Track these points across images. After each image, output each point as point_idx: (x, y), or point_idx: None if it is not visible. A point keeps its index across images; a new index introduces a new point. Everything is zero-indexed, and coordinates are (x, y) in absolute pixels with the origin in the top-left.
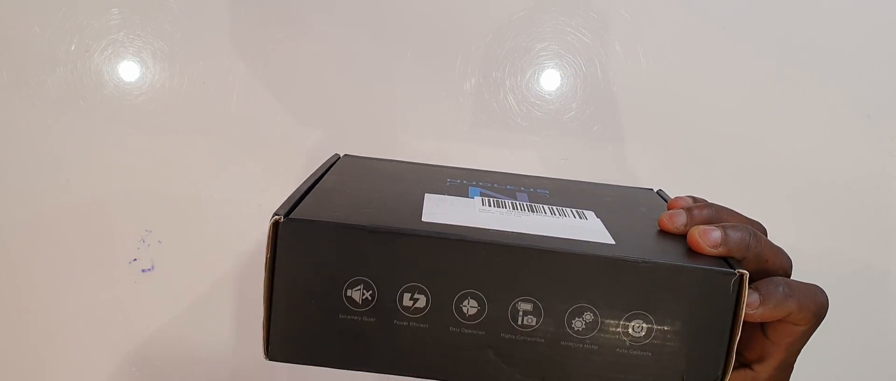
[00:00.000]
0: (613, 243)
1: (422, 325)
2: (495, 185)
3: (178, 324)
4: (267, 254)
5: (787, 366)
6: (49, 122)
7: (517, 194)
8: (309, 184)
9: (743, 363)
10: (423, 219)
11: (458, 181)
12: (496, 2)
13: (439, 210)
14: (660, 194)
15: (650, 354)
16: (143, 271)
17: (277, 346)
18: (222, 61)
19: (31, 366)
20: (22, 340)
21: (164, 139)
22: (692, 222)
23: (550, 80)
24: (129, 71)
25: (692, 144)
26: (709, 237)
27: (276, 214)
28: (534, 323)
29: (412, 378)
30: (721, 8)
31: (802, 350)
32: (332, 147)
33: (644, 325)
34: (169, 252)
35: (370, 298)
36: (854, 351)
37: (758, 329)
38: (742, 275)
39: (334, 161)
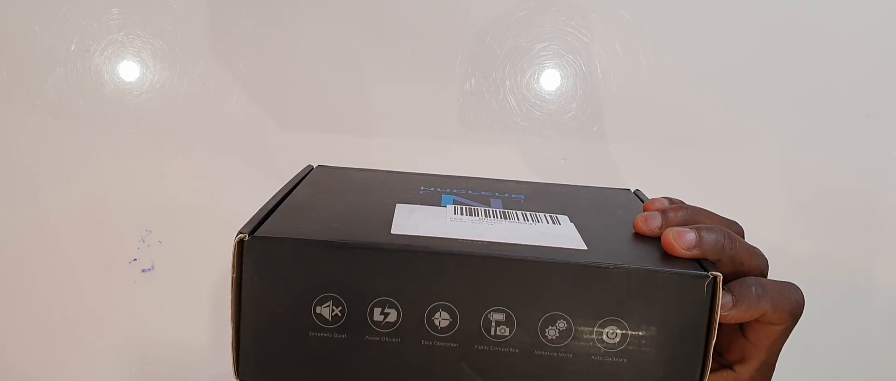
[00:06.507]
0: (585, 248)
1: (393, 339)
2: (470, 191)
3: (178, 324)
4: (233, 273)
5: (769, 366)
6: (49, 122)
7: (491, 200)
8: (277, 199)
9: (724, 365)
10: (392, 231)
11: (432, 189)
12: (496, 2)
13: (409, 222)
14: (637, 194)
15: (626, 360)
16: (143, 271)
17: (247, 366)
18: (222, 62)
19: (31, 366)
20: (22, 339)
21: (163, 139)
22: (667, 224)
23: (550, 80)
24: (128, 71)
25: (692, 144)
26: (683, 240)
27: (240, 232)
28: (507, 333)
29: None
30: (721, 8)
31: (802, 351)
32: (332, 147)
33: (618, 331)
34: (169, 252)
35: (340, 314)
36: (855, 352)
37: (737, 330)
38: (715, 277)
39: (307, 173)
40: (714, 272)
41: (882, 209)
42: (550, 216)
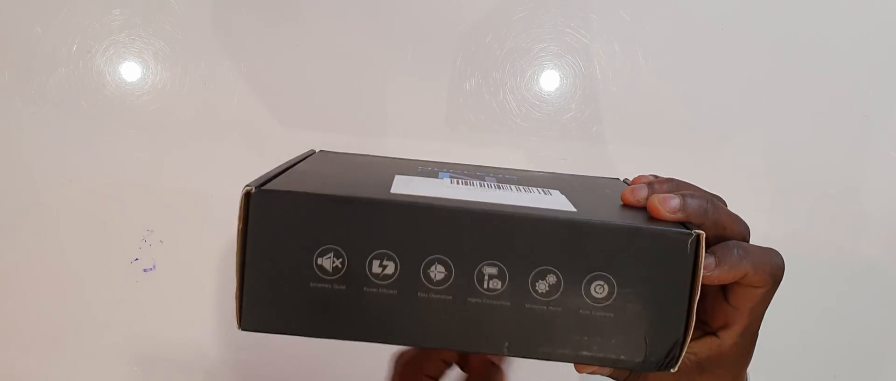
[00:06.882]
0: (575, 210)
1: (391, 291)
2: (466, 172)
3: (180, 323)
4: (239, 225)
5: (752, 332)
6: (51, 122)
7: (486, 177)
8: (281, 168)
9: (708, 332)
10: (391, 192)
11: (430, 169)
12: (496, 2)
13: (408, 186)
14: (625, 182)
15: (612, 315)
16: (145, 270)
17: (250, 316)
18: (223, 62)
19: (32, 366)
20: (22, 339)
21: (165, 139)
22: (653, 194)
23: (550, 80)
24: (130, 71)
25: (691, 145)
26: (668, 204)
27: (247, 186)
28: (499, 287)
29: (383, 345)
30: (719, 8)
31: (800, 351)
32: (333, 146)
33: (606, 286)
34: (170, 252)
35: (340, 266)
36: (854, 352)
37: (720, 297)
38: (699, 235)
39: (309, 154)
40: (697, 230)
41: (883, 211)
42: (542, 189)
